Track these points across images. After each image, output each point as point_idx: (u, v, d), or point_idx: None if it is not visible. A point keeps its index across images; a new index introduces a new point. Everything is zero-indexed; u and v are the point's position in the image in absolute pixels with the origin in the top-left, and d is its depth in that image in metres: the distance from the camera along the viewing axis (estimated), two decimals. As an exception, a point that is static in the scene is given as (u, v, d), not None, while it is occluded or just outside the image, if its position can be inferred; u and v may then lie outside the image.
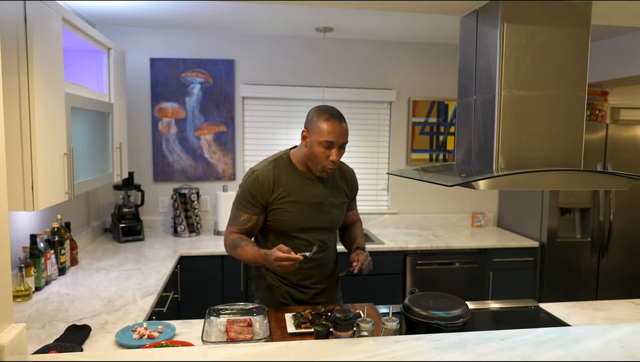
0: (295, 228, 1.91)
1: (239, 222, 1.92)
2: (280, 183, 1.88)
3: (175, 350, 1.36)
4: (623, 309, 2.08)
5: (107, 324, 1.87)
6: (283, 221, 1.90)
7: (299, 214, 1.89)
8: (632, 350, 1.37)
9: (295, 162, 1.92)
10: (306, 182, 1.91)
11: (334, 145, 1.80)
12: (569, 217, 3.61)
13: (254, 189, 1.88)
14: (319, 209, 1.93)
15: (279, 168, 1.90)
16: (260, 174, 1.88)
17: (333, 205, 1.96)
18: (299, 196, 1.89)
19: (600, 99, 3.82)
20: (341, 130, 1.80)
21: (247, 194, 1.89)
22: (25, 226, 2.41)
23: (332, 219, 1.97)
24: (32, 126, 1.80)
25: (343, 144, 1.83)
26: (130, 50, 3.55)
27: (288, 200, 1.88)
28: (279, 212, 1.89)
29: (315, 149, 1.81)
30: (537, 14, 1.54)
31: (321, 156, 1.81)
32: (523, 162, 1.57)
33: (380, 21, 3.26)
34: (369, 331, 1.50)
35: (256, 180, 1.88)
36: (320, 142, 1.79)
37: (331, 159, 1.81)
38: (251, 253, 1.85)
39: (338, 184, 1.99)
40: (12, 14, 1.73)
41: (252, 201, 1.89)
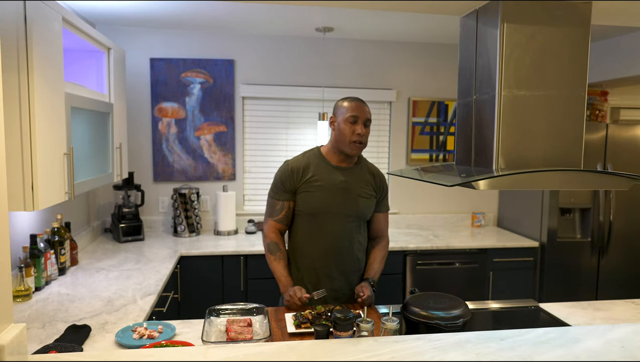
0: (322, 210, 2.04)
1: (276, 212, 2.10)
2: (310, 170, 2.06)
3: (175, 350, 1.36)
4: (623, 309, 2.08)
5: (107, 324, 1.87)
6: (310, 202, 2.05)
7: (325, 196, 2.04)
8: (632, 350, 1.37)
9: (324, 153, 2.11)
10: (333, 170, 2.07)
11: (358, 120, 1.98)
12: (569, 217, 3.61)
13: (284, 176, 2.07)
14: (344, 195, 2.05)
15: (310, 158, 2.10)
16: (291, 163, 2.10)
17: (360, 194, 2.08)
18: (326, 181, 2.05)
19: (600, 99, 3.81)
20: (364, 108, 2.01)
21: (278, 181, 2.09)
22: (25, 226, 2.41)
23: (359, 207, 2.08)
24: (32, 126, 1.80)
25: (367, 121, 2.01)
26: (130, 50, 3.55)
27: (315, 184, 2.04)
28: (306, 194, 2.05)
29: (342, 127, 2.00)
30: (537, 14, 1.54)
31: (348, 132, 1.98)
32: (523, 162, 1.57)
33: (380, 21, 3.26)
34: (369, 331, 1.50)
35: (286, 168, 2.08)
36: (346, 118, 1.99)
37: (357, 132, 1.98)
38: (279, 271, 2.05)
39: (366, 178, 2.11)
40: (12, 14, 1.73)
41: (282, 188, 2.07)
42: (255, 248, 3.19)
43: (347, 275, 2.09)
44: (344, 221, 2.06)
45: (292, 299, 1.93)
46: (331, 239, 2.05)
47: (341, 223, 2.05)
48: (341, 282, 2.09)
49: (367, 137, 2.02)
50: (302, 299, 1.92)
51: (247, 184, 3.84)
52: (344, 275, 2.09)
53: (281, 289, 2.03)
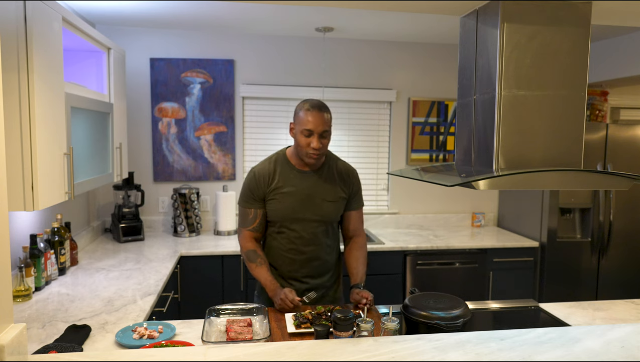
0: (287, 218, 2.03)
1: (249, 221, 2.06)
2: (276, 177, 2.03)
3: (175, 350, 1.36)
4: (623, 309, 2.08)
5: (107, 324, 1.87)
6: (276, 211, 2.03)
7: (290, 204, 2.01)
8: (632, 350, 1.37)
9: (289, 157, 2.07)
10: (299, 176, 2.03)
11: (313, 133, 1.91)
12: (569, 217, 3.61)
13: (252, 185, 2.04)
14: (310, 201, 2.02)
15: (276, 164, 2.06)
16: (257, 171, 2.05)
17: (324, 198, 2.04)
18: (291, 188, 2.02)
19: (600, 99, 3.81)
20: (320, 119, 1.91)
21: (246, 190, 2.06)
22: (25, 226, 2.41)
23: (324, 212, 2.05)
24: (32, 126, 1.80)
25: (323, 132, 1.93)
26: (130, 50, 3.55)
27: (281, 191, 2.02)
28: (273, 203, 2.03)
29: (299, 138, 1.95)
30: (537, 14, 1.54)
31: (304, 144, 1.94)
32: (523, 162, 1.57)
33: (380, 21, 3.26)
34: (369, 331, 1.50)
35: (253, 177, 2.05)
36: (302, 130, 1.92)
37: (312, 146, 1.92)
38: (263, 277, 2.01)
39: (334, 181, 2.07)
40: (12, 14, 1.73)
41: (252, 196, 2.05)
42: (255, 248, 3.19)
43: (316, 278, 2.09)
44: (309, 226, 2.03)
45: (284, 302, 1.90)
46: (298, 245, 2.04)
47: (307, 229, 2.03)
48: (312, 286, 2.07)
49: (326, 147, 1.97)
50: (294, 301, 1.90)
51: (247, 184, 3.83)
52: (314, 278, 2.08)
53: (270, 294, 1.99)
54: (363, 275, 2.08)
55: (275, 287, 1.97)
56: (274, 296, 1.96)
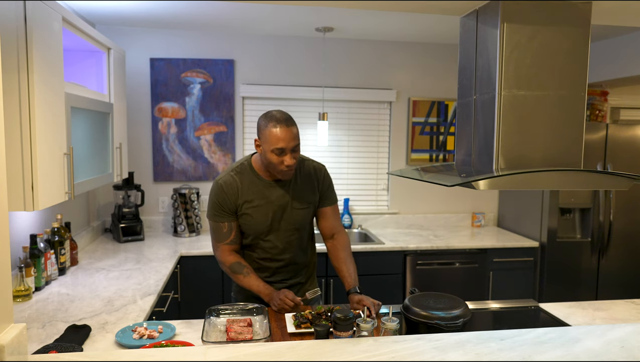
0: (262, 232, 1.98)
1: (224, 235, 1.99)
2: (244, 190, 1.94)
3: (175, 350, 1.36)
4: (623, 309, 2.08)
5: (107, 324, 1.87)
6: (250, 226, 1.97)
7: (263, 217, 1.95)
8: (632, 350, 1.37)
9: (256, 168, 1.97)
10: (268, 187, 1.96)
11: (285, 151, 1.83)
12: (569, 217, 3.61)
13: (220, 198, 1.94)
14: (282, 212, 1.97)
15: (242, 175, 1.96)
16: (224, 183, 1.94)
17: (296, 207, 1.99)
18: (261, 201, 1.95)
19: (600, 99, 3.81)
20: (290, 135, 1.83)
21: (216, 204, 1.96)
22: (25, 226, 2.41)
23: (296, 220, 2.01)
24: (32, 126, 1.80)
25: (295, 147, 1.85)
26: (130, 50, 3.55)
27: (252, 205, 1.94)
28: (245, 217, 1.96)
29: (269, 157, 1.85)
30: (537, 14, 1.54)
31: (277, 162, 1.85)
32: (523, 162, 1.57)
33: (380, 21, 3.26)
34: (369, 331, 1.50)
35: (221, 190, 1.94)
36: (272, 150, 1.83)
37: (286, 164, 1.85)
38: (255, 285, 1.95)
39: (301, 186, 2.01)
40: (12, 14, 1.73)
41: (222, 209, 1.95)
42: (255, 248, 3.19)
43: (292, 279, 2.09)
44: (283, 235, 2.00)
45: (284, 302, 1.87)
46: (273, 255, 2.02)
47: (281, 238, 2.00)
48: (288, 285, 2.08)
49: (297, 160, 1.89)
50: (296, 300, 1.88)
51: (247, 184, 3.83)
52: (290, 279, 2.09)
53: (266, 299, 1.94)
54: (356, 276, 2.00)
55: (271, 291, 1.94)
56: (270, 299, 1.93)
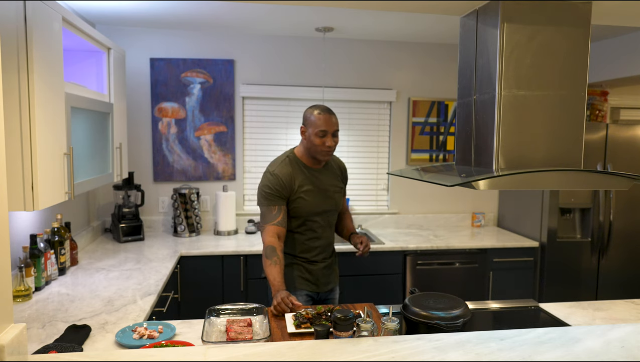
0: (312, 212, 2.25)
1: (272, 217, 2.20)
2: (296, 177, 2.22)
3: (175, 350, 1.36)
4: (623, 309, 2.08)
5: (107, 324, 1.87)
6: (301, 208, 2.22)
7: (313, 200, 2.23)
8: (632, 350, 1.37)
9: (300, 157, 2.27)
10: (313, 173, 2.26)
11: (327, 133, 2.15)
12: (569, 217, 3.61)
13: (278, 185, 2.19)
14: (326, 195, 2.28)
15: (291, 165, 2.24)
16: (279, 172, 2.22)
17: (335, 190, 2.32)
18: (309, 186, 2.23)
19: (600, 99, 3.81)
20: (332, 121, 2.17)
21: (272, 190, 2.20)
22: (25, 226, 2.41)
23: (337, 201, 2.33)
24: (32, 126, 1.80)
25: (335, 132, 2.19)
26: (130, 50, 3.55)
27: (304, 190, 2.22)
28: (298, 201, 2.22)
29: (314, 139, 2.17)
30: (537, 14, 1.54)
31: (319, 143, 2.16)
32: (523, 162, 1.57)
33: (380, 21, 3.26)
34: (369, 331, 1.50)
35: (277, 178, 2.20)
36: (316, 132, 2.15)
37: (327, 144, 2.16)
38: (272, 274, 2.08)
39: (336, 173, 2.36)
40: (12, 14, 1.73)
41: (277, 195, 2.20)
42: (255, 248, 3.19)
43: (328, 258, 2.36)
44: (327, 215, 2.30)
45: (283, 302, 1.92)
46: (321, 233, 2.29)
47: (326, 218, 2.30)
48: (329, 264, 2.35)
49: (337, 144, 2.22)
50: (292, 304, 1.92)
51: (247, 184, 3.84)
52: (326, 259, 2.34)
53: (272, 292, 2.04)
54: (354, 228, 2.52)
55: (280, 287, 2.02)
56: (275, 294, 1.99)
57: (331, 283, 2.36)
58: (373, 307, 2.04)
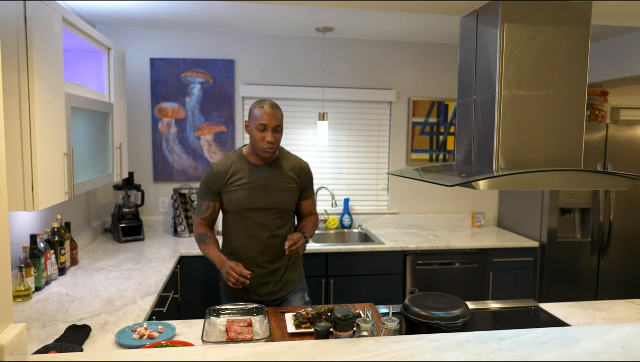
0: (244, 207, 2.18)
1: (202, 211, 2.25)
2: (232, 171, 2.19)
3: (175, 350, 1.36)
4: (623, 309, 2.08)
5: (107, 324, 1.87)
6: (233, 201, 2.18)
7: (246, 194, 2.17)
8: (632, 350, 1.37)
9: (245, 153, 2.24)
10: (253, 169, 2.20)
11: (267, 128, 2.09)
12: (569, 217, 3.61)
13: (209, 180, 2.21)
14: (264, 191, 2.19)
15: (231, 160, 2.23)
16: (215, 166, 2.22)
17: (278, 188, 2.21)
18: (246, 179, 2.18)
19: (600, 99, 3.81)
20: (273, 114, 2.11)
21: (203, 184, 2.24)
22: (25, 226, 2.41)
23: (278, 200, 2.21)
24: (32, 126, 1.80)
25: (277, 127, 2.12)
26: (130, 50, 3.55)
27: (237, 183, 2.18)
28: (230, 193, 2.19)
29: (254, 133, 2.12)
30: (537, 14, 1.54)
31: (259, 138, 2.11)
32: (523, 162, 1.57)
33: (380, 21, 3.26)
34: (369, 331, 1.50)
35: (211, 172, 2.21)
36: (256, 126, 2.10)
37: (267, 140, 2.10)
38: (212, 253, 2.17)
39: (285, 172, 2.25)
40: (12, 14, 1.73)
41: (207, 190, 2.22)
42: (255, 248, 3.19)
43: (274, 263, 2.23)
44: (265, 214, 2.20)
45: (231, 273, 1.99)
46: (255, 233, 2.20)
47: (263, 217, 2.19)
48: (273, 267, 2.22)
49: (279, 141, 2.16)
50: (243, 274, 1.99)
51: (247, 184, 3.83)
52: (272, 263, 2.22)
53: (218, 267, 2.12)
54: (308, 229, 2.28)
55: (222, 261, 2.10)
56: (221, 267, 2.09)
57: (278, 292, 2.23)
58: (373, 307, 2.04)
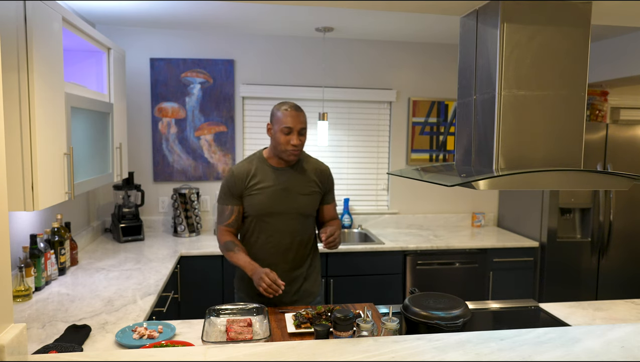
0: (265, 212, 2.11)
1: (225, 217, 2.17)
2: (252, 174, 2.13)
3: (175, 350, 1.36)
4: (623, 309, 2.08)
5: (107, 324, 1.87)
6: (253, 206, 2.11)
7: (267, 198, 2.10)
8: (632, 350, 1.37)
9: (266, 156, 2.17)
10: (275, 172, 2.13)
11: (292, 131, 2.04)
12: (569, 217, 3.61)
13: (230, 183, 2.14)
14: (285, 195, 2.12)
15: (252, 163, 2.16)
16: (235, 170, 2.16)
17: (300, 192, 2.14)
18: (267, 183, 2.11)
19: (600, 99, 3.81)
20: (298, 118, 2.05)
21: (225, 188, 2.16)
22: (25, 226, 2.41)
23: (299, 205, 2.14)
24: (32, 126, 1.80)
25: (302, 130, 2.06)
26: (130, 50, 3.55)
27: (258, 187, 2.11)
28: (250, 197, 2.12)
29: (278, 137, 2.05)
30: (537, 14, 1.54)
31: (284, 142, 2.04)
32: (523, 162, 1.57)
33: (380, 21, 3.26)
34: (369, 331, 1.50)
35: (232, 175, 2.15)
36: (281, 129, 2.04)
37: (292, 143, 2.04)
38: (242, 260, 2.06)
39: (308, 176, 2.17)
40: (12, 14, 1.73)
41: (229, 194, 2.14)
42: (255, 248, 3.19)
43: (294, 270, 2.15)
44: (286, 219, 2.12)
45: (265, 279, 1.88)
46: (276, 237, 2.12)
47: (284, 221, 2.12)
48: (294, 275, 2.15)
49: (304, 144, 2.09)
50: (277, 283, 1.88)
51: (247, 184, 3.83)
52: (292, 271, 2.14)
53: (249, 274, 2.00)
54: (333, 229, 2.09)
55: (255, 267, 2.00)
56: (253, 274, 1.97)
57: (296, 302, 2.15)
58: (373, 307, 2.04)
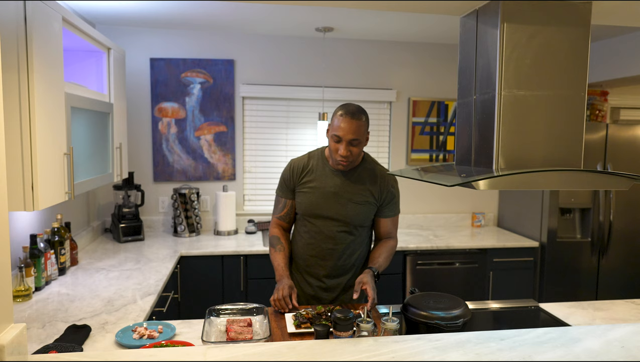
0: (310, 212, 2.04)
1: (278, 209, 2.14)
2: (309, 170, 2.06)
3: (175, 350, 1.36)
4: (623, 309, 2.08)
5: (107, 324, 1.87)
6: (301, 203, 2.06)
7: (315, 198, 2.02)
8: (632, 350, 1.37)
9: (326, 154, 2.08)
10: (330, 173, 2.03)
11: (342, 141, 1.90)
12: (569, 217, 3.61)
13: (286, 175, 2.10)
14: (335, 199, 2.01)
15: (312, 158, 2.09)
16: (293, 162, 2.11)
17: (350, 199, 2.01)
18: (319, 183, 2.03)
19: (600, 99, 3.81)
20: (350, 127, 1.87)
21: (281, 179, 2.13)
22: (25, 226, 2.41)
23: (347, 212, 2.00)
24: (32, 126, 1.80)
25: (352, 140, 1.89)
26: (130, 50, 3.55)
27: (310, 185, 2.04)
28: (301, 194, 2.06)
29: (330, 143, 1.96)
30: (537, 14, 1.54)
31: (333, 149, 1.94)
32: (523, 162, 1.57)
33: (380, 21, 3.26)
34: (369, 331, 1.50)
35: (289, 167, 2.11)
36: (332, 135, 1.93)
37: (340, 153, 1.91)
38: (277, 261, 2.05)
39: (364, 183, 2.03)
40: (12, 14, 1.73)
41: (285, 185, 2.11)
42: (255, 248, 3.19)
43: (332, 279, 2.08)
44: (330, 224, 2.02)
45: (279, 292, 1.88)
46: (317, 241, 2.04)
47: (327, 226, 2.02)
48: (330, 284, 2.08)
49: (356, 155, 1.93)
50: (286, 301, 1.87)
51: (247, 184, 3.84)
52: (329, 278, 2.08)
53: (276, 278, 2.02)
54: (380, 262, 2.03)
55: (281, 276, 1.98)
56: (277, 280, 1.99)
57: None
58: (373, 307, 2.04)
